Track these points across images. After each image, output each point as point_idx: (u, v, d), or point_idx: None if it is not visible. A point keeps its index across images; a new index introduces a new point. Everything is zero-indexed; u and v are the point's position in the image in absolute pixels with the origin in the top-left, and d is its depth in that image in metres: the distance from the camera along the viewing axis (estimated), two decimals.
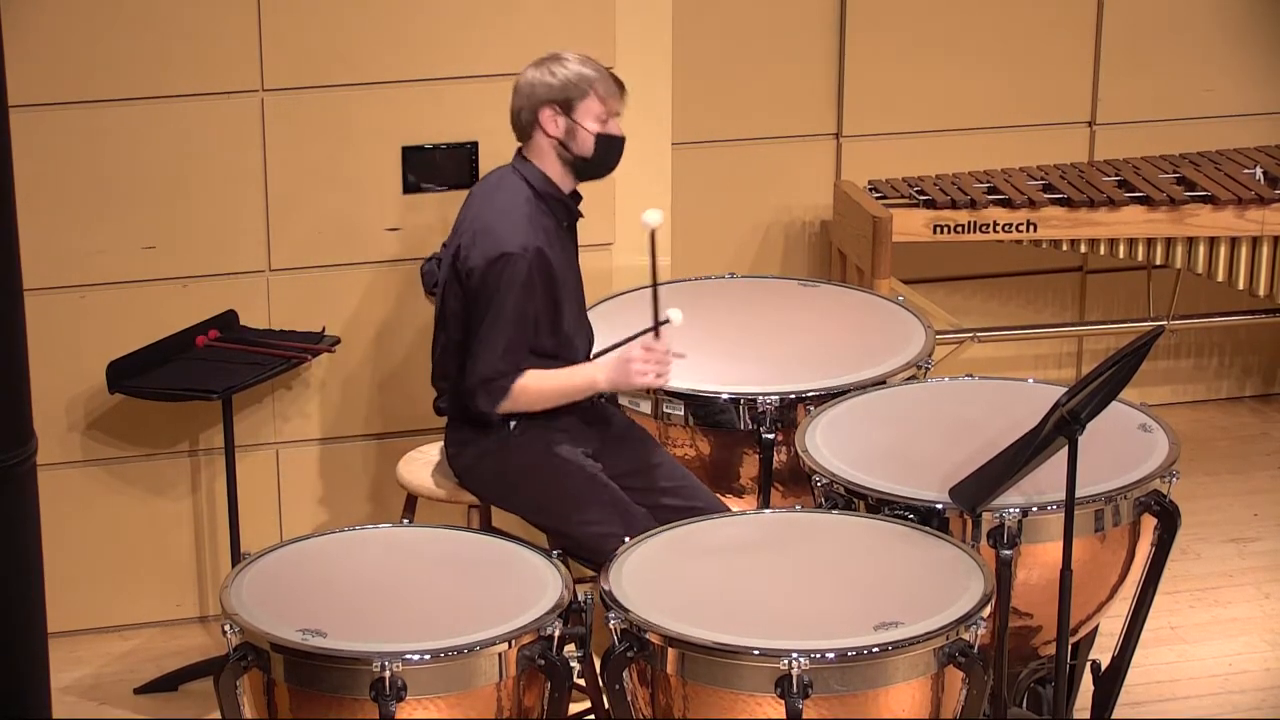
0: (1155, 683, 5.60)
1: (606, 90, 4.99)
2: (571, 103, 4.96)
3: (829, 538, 4.71)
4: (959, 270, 7.04)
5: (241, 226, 5.75)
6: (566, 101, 4.96)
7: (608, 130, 5.01)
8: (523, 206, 4.97)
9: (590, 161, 5.02)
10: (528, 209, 4.97)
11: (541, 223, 4.98)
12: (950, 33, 6.88)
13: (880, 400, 5.27)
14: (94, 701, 5.58)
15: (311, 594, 4.55)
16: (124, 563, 5.86)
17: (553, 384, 4.97)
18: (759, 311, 5.82)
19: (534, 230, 4.94)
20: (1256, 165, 6.78)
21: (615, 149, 5.04)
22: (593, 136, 4.99)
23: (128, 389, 5.43)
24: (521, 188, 5.00)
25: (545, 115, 4.98)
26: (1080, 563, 4.63)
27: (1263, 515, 6.53)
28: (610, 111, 5.00)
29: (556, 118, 4.98)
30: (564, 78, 4.96)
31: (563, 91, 4.96)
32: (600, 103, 4.97)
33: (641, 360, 4.93)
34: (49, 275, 5.60)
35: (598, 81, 4.98)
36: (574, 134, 4.99)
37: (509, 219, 4.94)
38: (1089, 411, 4.48)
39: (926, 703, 4.33)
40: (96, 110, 5.59)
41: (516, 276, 4.89)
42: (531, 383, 4.94)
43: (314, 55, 5.70)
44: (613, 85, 5.01)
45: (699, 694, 4.30)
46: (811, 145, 6.91)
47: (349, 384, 5.93)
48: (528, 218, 4.95)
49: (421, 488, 5.22)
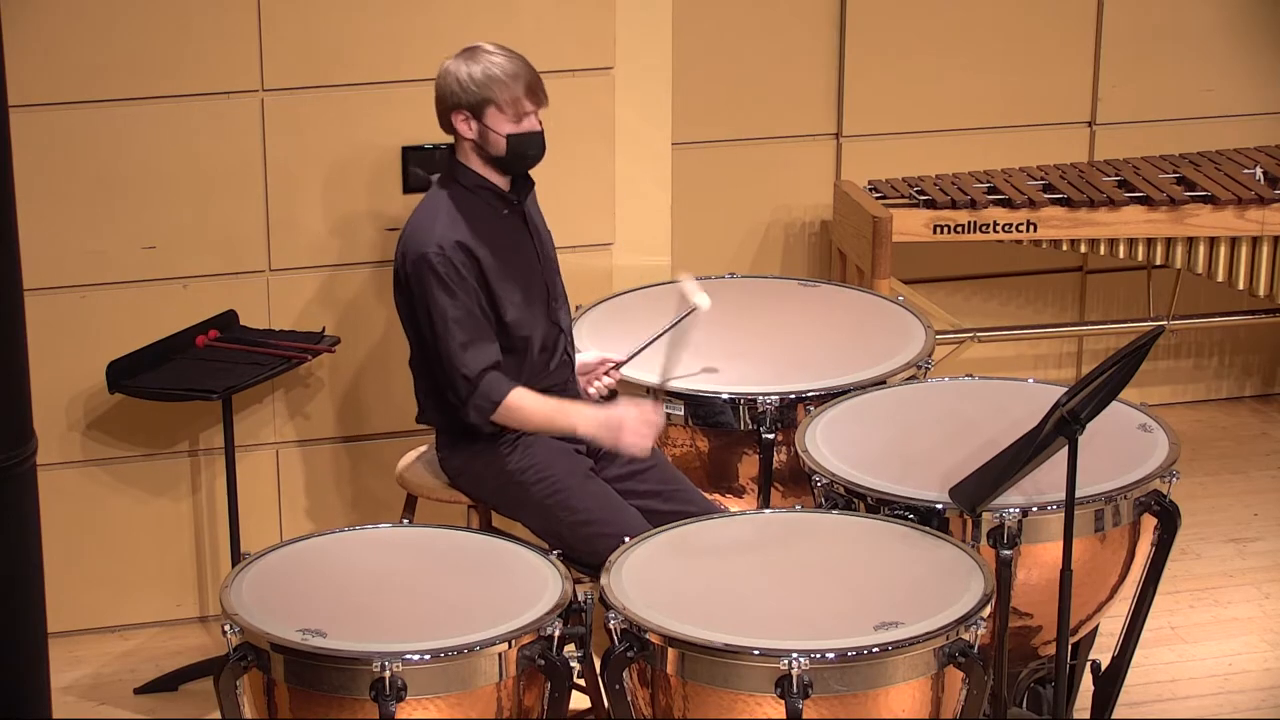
0: (1155, 683, 5.60)
1: (512, 94, 4.94)
2: (480, 108, 4.96)
3: (829, 538, 4.71)
4: (959, 270, 7.04)
5: (241, 226, 5.75)
6: (473, 106, 4.96)
7: (521, 129, 4.99)
8: (443, 204, 4.98)
9: (506, 160, 5.01)
10: (448, 205, 4.97)
11: (469, 216, 4.97)
12: (950, 33, 6.88)
13: (880, 400, 5.27)
14: (94, 701, 5.58)
15: (311, 594, 4.55)
16: (124, 563, 5.87)
17: (540, 413, 4.97)
18: (759, 311, 5.82)
19: (453, 225, 4.93)
20: (1256, 165, 6.78)
21: (532, 144, 5.01)
22: (504, 138, 4.98)
23: (128, 389, 5.43)
24: (438, 194, 5.01)
25: (457, 119, 4.98)
26: (1080, 563, 4.63)
27: (1263, 515, 6.53)
28: (520, 112, 4.97)
29: (468, 121, 4.98)
30: (471, 83, 4.94)
31: (467, 97, 4.95)
32: (506, 108, 4.95)
33: (634, 432, 4.94)
34: (49, 275, 5.60)
35: (501, 86, 4.93)
36: (486, 136, 4.98)
37: (425, 220, 4.96)
38: (1089, 412, 4.48)
39: (926, 703, 4.33)
40: (97, 110, 5.59)
41: (438, 274, 4.89)
42: (524, 403, 4.95)
43: (314, 55, 5.70)
44: (521, 87, 4.94)
45: (699, 694, 4.30)
46: (811, 145, 6.91)
47: (349, 384, 5.93)
48: (447, 213, 4.96)
49: (421, 488, 5.22)
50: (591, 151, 5.92)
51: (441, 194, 5.02)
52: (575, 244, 5.88)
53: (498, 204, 5.04)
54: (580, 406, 5.04)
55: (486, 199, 5.02)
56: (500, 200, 5.05)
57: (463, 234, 4.93)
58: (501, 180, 5.05)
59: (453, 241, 4.91)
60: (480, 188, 5.02)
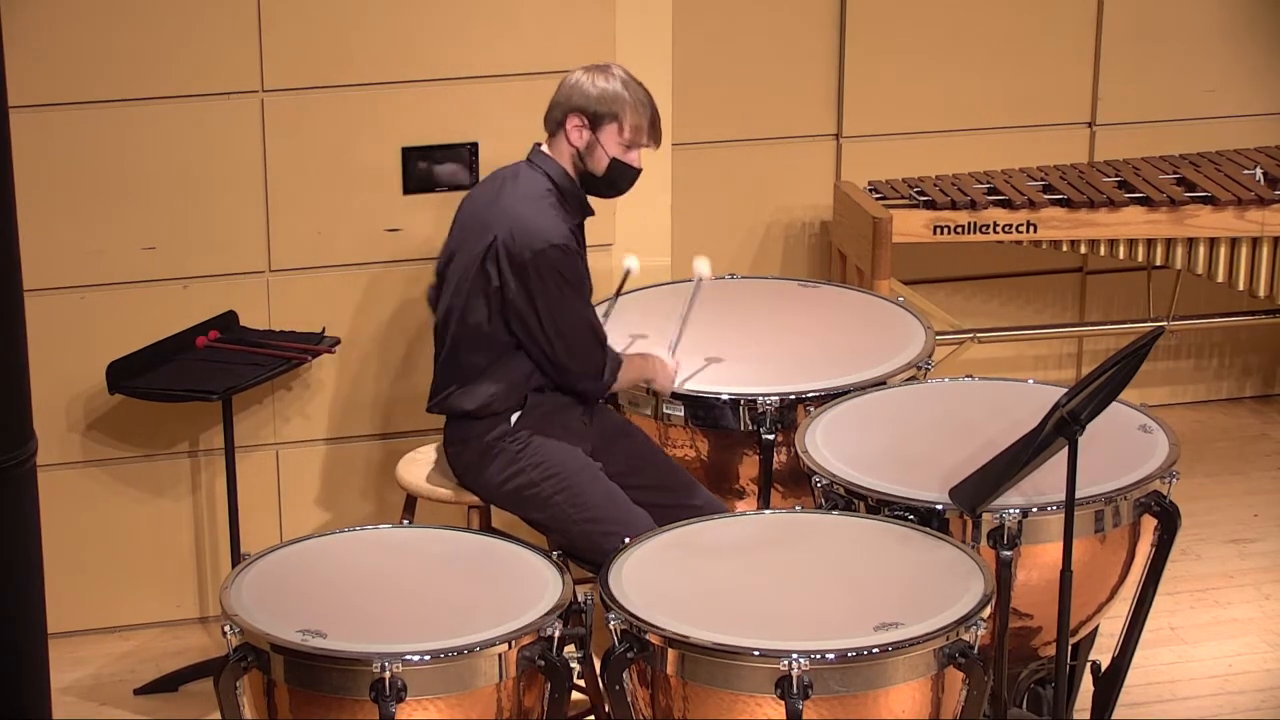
0: (1155, 683, 5.60)
1: (636, 120, 4.97)
2: (599, 120, 4.96)
3: (829, 538, 4.71)
4: (959, 271, 7.04)
5: (241, 226, 5.75)
6: (595, 116, 4.96)
7: (627, 159, 5.01)
8: (548, 198, 4.98)
9: (599, 180, 5.02)
10: (552, 201, 4.98)
11: (563, 212, 4.99)
12: (950, 33, 6.88)
13: (880, 401, 5.27)
14: (94, 702, 5.58)
15: (311, 594, 4.55)
16: (124, 563, 5.87)
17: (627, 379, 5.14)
18: (759, 312, 5.82)
19: (557, 221, 4.95)
20: (1256, 166, 6.78)
21: (628, 177, 5.04)
22: (608, 159, 4.99)
23: (128, 389, 5.43)
24: (542, 181, 5.00)
25: (572, 122, 4.98)
26: (1080, 563, 4.63)
27: (1263, 516, 6.53)
28: (634, 141, 4.99)
29: (581, 129, 4.98)
30: (601, 93, 4.95)
31: (594, 105, 4.96)
32: (627, 130, 4.97)
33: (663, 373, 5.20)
34: (49, 275, 5.60)
35: (631, 109, 4.96)
36: (593, 150, 4.99)
37: (544, 212, 4.95)
38: (1089, 412, 4.48)
39: (926, 703, 4.33)
40: (97, 110, 5.59)
41: (567, 267, 4.91)
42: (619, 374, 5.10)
43: (314, 55, 5.70)
44: (645, 118, 4.98)
45: (699, 695, 4.30)
46: (811, 145, 6.91)
47: (349, 384, 5.93)
48: (553, 207, 4.97)
49: (421, 488, 5.22)
50: None
51: (541, 184, 5.01)
52: None
53: (577, 212, 5.05)
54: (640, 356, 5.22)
55: (570, 204, 5.03)
56: (580, 209, 5.06)
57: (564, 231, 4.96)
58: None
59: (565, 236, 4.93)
60: (571, 192, 5.02)
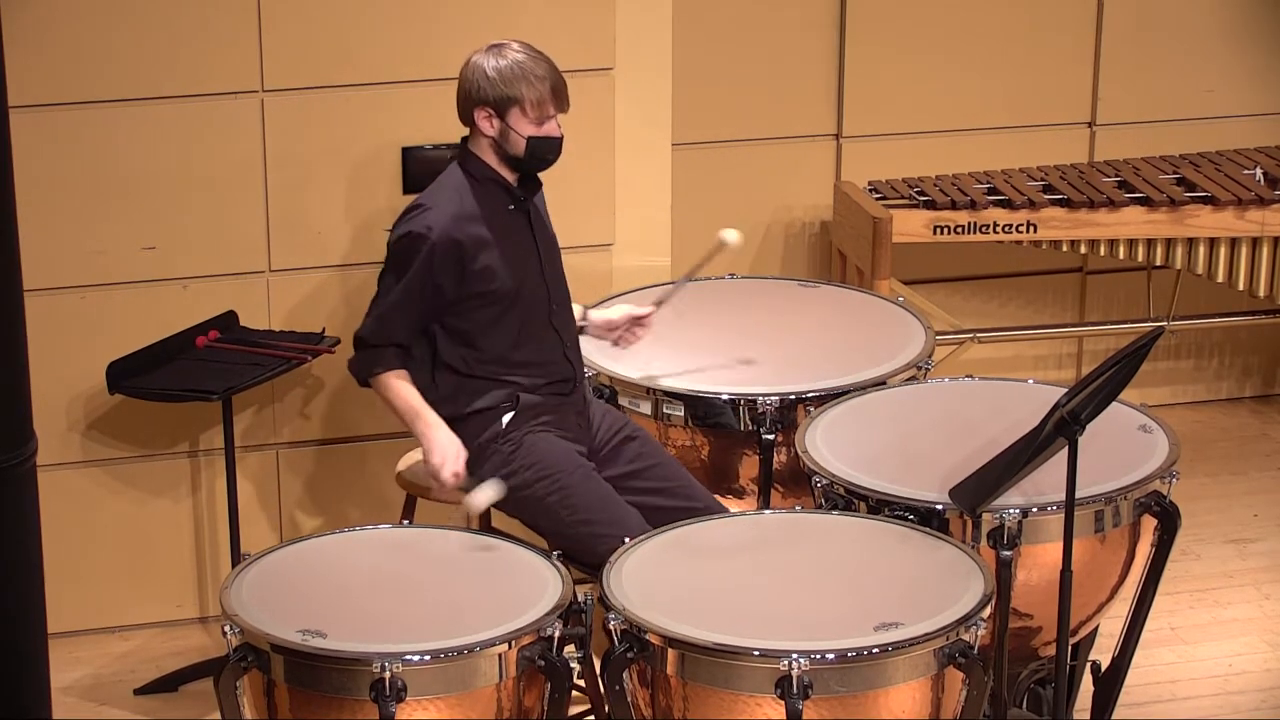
0: (1155, 683, 5.60)
1: (536, 95, 4.94)
2: (502, 106, 4.96)
3: (829, 538, 4.71)
4: (959, 271, 7.04)
5: (241, 226, 5.75)
6: (497, 103, 4.96)
7: (543, 132, 5.00)
8: (452, 190, 4.99)
9: (523, 161, 5.02)
10: (457, 193, 4.98)
11: (476, 207, 4.98)
12: (950, 33, 6.88)
13: (880, 401, 5.27)
14: (94, 702, 5.58)
15: (311, 594, 4.55)
16: (124, 563, 5.87)
17: (402, 401, 4.98)
18: (759, 312, 5.82)
19: (458, 217, 4.94)
20: (1256, 166, 6.78)
21: (551, 148, 5.02)
22: (524, 140, 4.98)
23: (128, 389, 5.43)
24: (456, 173, 5.02)
25: (480, 115, 4.98)
26: (1080, 563, 4.62)
27: (1263, 516, 6.53)
28: (542, 116, 4.98)
29: (490, 119, 4.98)
30: (499, 80, 4.94)
31: (493, 93, 4.95)
32: (530, 109, 4.95)
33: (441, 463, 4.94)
34: (49, 275, 5.60)
35: (528, 85, 4.94)
36: (506, 135, 4.99)
37: (432, 200, 4.97)
38: (1089, 412, 4.48)
39: (926, 704, 4.33)
40: (96, 110, 5.59)
41: (415, 256, 4.91)
42: (394, 383, 4.97)
43: (314, 55, 5.70)
44: (546, 90, 4.95)
45: (699, 695, 4.30)
46: (811, 145, 6.91)
47: (349, 385, 5.91)
48: (452, 201, 4.97)
49: (422, 488, 5.21)
50: (591, 152, 5.92)
51: (457, 175, 5.03)
52: (575, 244, 5.87)
53: (504, 198, 5.05)
54: (429, 413, 4.97)
55: (495, 192, 5.03)
56: (507, 195, 5.05)
57: (460, 230, 4.93)
58: (510, 176, 5.05)
59: (446, 235, 4.91)
60: (490, 180, 5.03)
